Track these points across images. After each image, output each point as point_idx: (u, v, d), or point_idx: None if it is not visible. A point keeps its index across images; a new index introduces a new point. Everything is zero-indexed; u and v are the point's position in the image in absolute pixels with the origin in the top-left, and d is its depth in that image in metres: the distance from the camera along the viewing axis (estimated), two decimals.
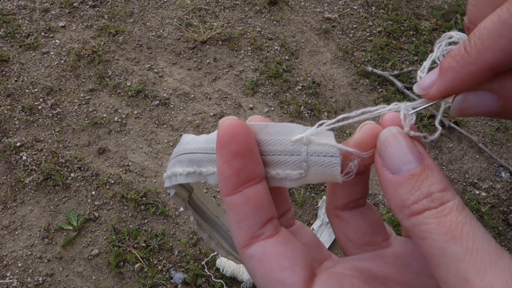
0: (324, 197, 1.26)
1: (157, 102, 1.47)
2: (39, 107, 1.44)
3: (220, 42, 1.64)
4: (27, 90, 1.48)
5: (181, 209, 0.30)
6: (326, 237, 1.20)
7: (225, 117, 0.20)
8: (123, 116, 1.44)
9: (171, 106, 1.47)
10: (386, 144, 0.20)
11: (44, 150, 1.35)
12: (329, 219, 0.25)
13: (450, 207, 0.18)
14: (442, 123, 1.46)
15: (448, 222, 0.17)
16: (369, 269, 0.22)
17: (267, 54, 1.61)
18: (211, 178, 0.22)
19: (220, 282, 1.13)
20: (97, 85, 1.51)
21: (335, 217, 0.24)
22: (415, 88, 0.22)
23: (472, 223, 0.17)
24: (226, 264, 1.13)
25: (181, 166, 0.23)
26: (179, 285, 1.14)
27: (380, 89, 1.54)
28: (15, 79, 1.51)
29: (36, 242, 1.20)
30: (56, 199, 1.27)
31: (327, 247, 1.19)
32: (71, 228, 1.21)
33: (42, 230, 1.22)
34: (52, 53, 1.59)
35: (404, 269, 0.22)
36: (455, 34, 0.23)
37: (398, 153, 0.19)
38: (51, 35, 1.64)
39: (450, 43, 0.24)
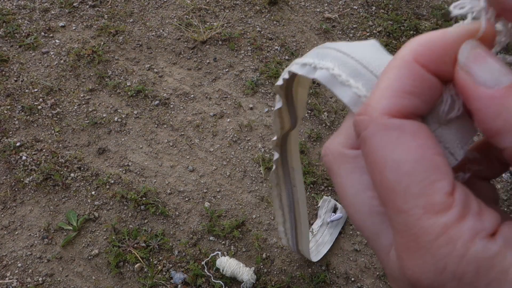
0: (325, 197, 1.25)
1: (157, 102, 1.47)
2: (39, 107, 1.44)
3: (220, 42, 1.64)
4: (26, 90, 1.48)
5: (279, 82, 0.30)
6: (327, 237, 1.20)
7: None
8: (123, 116, 1.44)
9: (171, 106, 1.47)
10: (475, 56, 0.16)
11: (44, 150, 1.35)
12: None
13: None
14: None
15: None
16: None
17: (267, 54, 1.61)
18: (344, 91, 0.20)
19: (219, 282, 1.13)
20: (97, 85, 1.51)
21: None
22: None
23: None
24: (226, 264, 1.12)
25: (331, 61, 0.21)
26: (179, 285, 1.14)
27: None
28: (15, 79, 1.51)
29: (36, 242, 1.20)
30: (56, 199, 1.27)
31: (329, 247, 1.18)
32: (71, 228, 1.21)
33: (42, 230, 1.21)
34: (52, 53, 1.58)
35: None
36: None
37: (493, 65, 0.16)
38: (51, 35, 1.64)
39: None
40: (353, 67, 0.20)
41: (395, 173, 0.15)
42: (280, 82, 0.30)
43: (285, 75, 0.28)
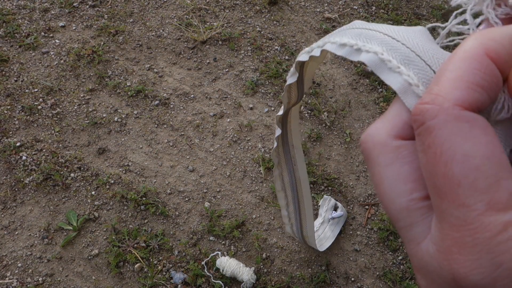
0: (325, 196, 1.26)
1: (157, 102, 1.47)
2: (39, 107, 1.44)
3: (220, 42, 1.64)
4: (27, 90, 1.48)
5: (304, 58, 0.28)
6: (329, 233, 1.20)
7: None
8: (123, 116, 1.44)
9: (171, 106, 1.47)
10: None
11: (44, 150, 1.35)
12: None
13: None
14: None
15: None
16: None
17: (267, 54, 1.61)
18: (393, 77, 0.20)
19: (219, 282, 1.13)
20: (97, 85, 1.51)
21: None
22: None
23: None
24: (226, 264, 1.13)
25: (379, 45, 0.20)
26: (179, 285, 1.14)
27: (380, 89, 1.54)
28: (15, 79, 1.51)
29: (36, 242, 1.20)
30: (56, 199, 1.27)
31: (331, 241, 1.19)
32: (71, 228, 1.21)
33: (42, 230, 1.21)
34: (52, 53, 1.59)
35: None
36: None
37: None
38: (51, 35, 1.64)
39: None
40: (404, 53, 0.20)
41: (463, 166, 0.15)
42: (305, 58, 0.28)
43: (315, 52, 0.26)
